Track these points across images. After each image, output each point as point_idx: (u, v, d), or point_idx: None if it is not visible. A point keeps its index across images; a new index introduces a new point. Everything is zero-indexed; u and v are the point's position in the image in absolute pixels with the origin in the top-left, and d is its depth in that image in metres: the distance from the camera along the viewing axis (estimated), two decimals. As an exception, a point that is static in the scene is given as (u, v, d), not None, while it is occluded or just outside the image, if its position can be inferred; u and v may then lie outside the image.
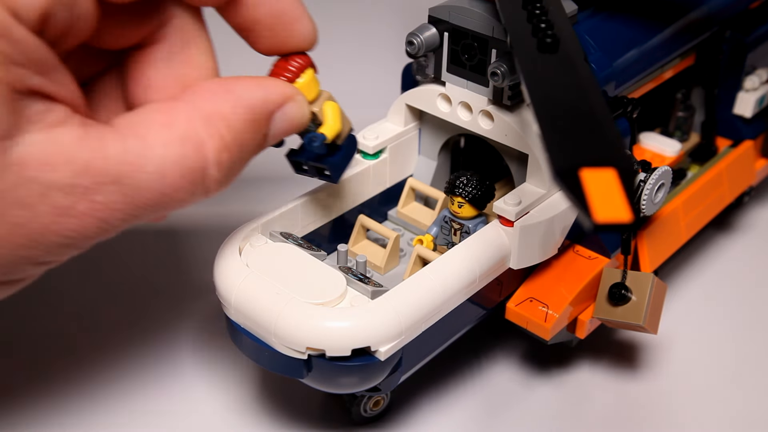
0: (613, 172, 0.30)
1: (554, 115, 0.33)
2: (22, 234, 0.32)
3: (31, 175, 0.31)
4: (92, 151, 0.32)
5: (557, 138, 0.32)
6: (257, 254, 0.43)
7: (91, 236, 0.33)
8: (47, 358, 0.52)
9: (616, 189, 0.30)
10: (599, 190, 0.30)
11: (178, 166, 0.34)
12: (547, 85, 0.35)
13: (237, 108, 0.36)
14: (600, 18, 0.51)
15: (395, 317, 0.40)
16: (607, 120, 0.34)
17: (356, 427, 0.48)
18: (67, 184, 0.31)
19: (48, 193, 0.31)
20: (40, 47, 0.30)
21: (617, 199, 0.29)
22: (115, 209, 0.33)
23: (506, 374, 0.52)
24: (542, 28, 0.38)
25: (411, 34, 0.47)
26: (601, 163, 0.30)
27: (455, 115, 0.49)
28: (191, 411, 0.49)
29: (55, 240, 0.32)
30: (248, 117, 0.36)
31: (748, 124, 0.61)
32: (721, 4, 0.57)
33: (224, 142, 0.35)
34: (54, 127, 0.31)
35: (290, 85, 0.39)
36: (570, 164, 0.30)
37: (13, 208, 0.31)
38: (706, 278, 0.60)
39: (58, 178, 0.31)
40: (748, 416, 0.50)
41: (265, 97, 0.37)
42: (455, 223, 0.48)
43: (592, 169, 0.30)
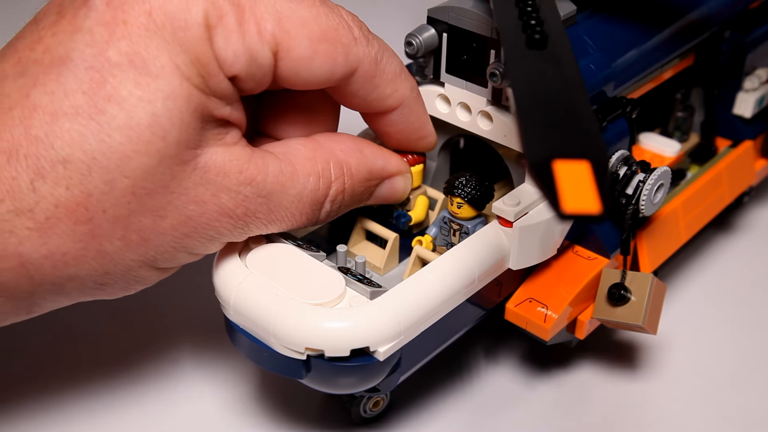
0: (586, 165, 0.31)
1: (534, 108, 0.34)
2: (190, 225, 0.39)
3: (210, 177, 0.39)
4: (257, 168, 0.40)
5: (534, 130, 0.33)
6: (256, 255, 0.44)
7: (233, 236, 0.41)
8: (45, 356, 0.52)
9: (588, 181, 0.30)
10: (571, 181, 0.30)
11: (311, 195, 0.42)
12: (530, 80, 0.36)
13: (361, 165, 0.44)
14: (599, 18, 0.51)
15: (394, 318, 0.41)
16: (586, 114, 0.34)
17: (356, 427, 0.48)
18: (233, 190, 0.39)
19: (218, 195, 0.39)
20: (229, 88, 0.39)
21: (588, 190, 0.30)
22: (258, 218, 0.41)
23: (506, 375, 0.52)
24: (532, 24, 0.38)
25: (410, 35, 0.47)
26: (575, 155, 0.31)
27: (454, 116, 0.49)
28: (191, 411, 0.49)
29: (210, 234, 0.40)
30: (366, 175, 0.45)
31: (748, 125, 0.61)
32: (721, 4, 0.57)
33: (344, 187, 0.44)
34: (231, 145, 0.39)
35: (405, 163, 0.47)
36: (544, 155, 0.31)
37: (190, 203, 0.39)
38: (706, 278, 0.60)
39: (229, 184, 0.39)
40: (748, 416, 0.50)
41: (384, 167, 0.46)
42: (454, 224, 0.48)
43: (566, 160, 0.31)
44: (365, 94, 0.44)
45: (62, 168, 0.36)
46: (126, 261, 0.39)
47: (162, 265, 0.41)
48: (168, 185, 0.38)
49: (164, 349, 0.53)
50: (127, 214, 0.37)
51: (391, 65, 0.44)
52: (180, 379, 0.51)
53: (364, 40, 0.42)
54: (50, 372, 0.51)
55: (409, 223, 0.49)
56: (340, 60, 0.41)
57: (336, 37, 0.41)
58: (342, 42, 0.41)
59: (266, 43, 0.39)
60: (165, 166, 0.37)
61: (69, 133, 0.36)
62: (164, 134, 0.37)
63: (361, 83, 0.43)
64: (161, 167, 0.37)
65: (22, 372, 0.51)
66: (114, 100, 0.36)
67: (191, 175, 0.38)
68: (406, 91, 0.45)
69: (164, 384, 0.51)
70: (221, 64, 0.38)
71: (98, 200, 0.37)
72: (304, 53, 0.40)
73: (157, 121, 0.36)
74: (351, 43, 0.42)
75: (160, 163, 0.37)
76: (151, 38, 0.37)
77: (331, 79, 0.42)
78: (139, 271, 0.40)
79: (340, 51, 0.41)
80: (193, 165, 0.38)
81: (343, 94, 0.44)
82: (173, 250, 0.40)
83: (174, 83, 0.37)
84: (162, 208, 0.38)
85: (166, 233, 0.39)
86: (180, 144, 0.37)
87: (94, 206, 0.37)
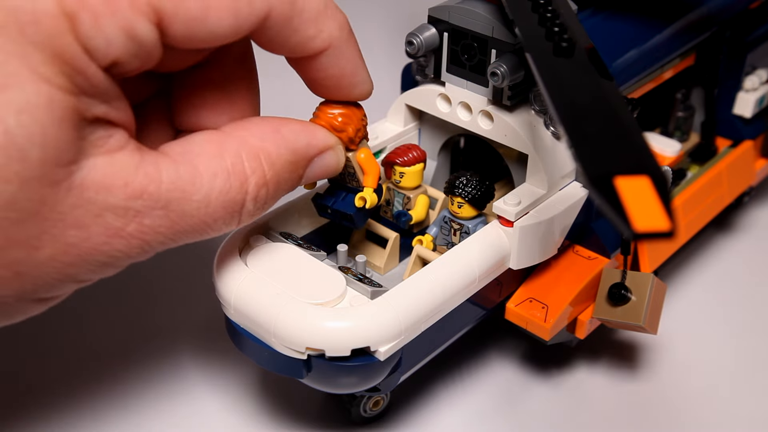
0: (647, 180, 0.30)
1: (581, 121, 0.33)
2: (73, 253, 0.33)
3: (89, 196, 0.33)
4: (147, 177, 0.34)
5: (587, 145, 0.31)
6: (257, 254, 0.43)
7: (132, 257, 0.35)
8: (46, 358, 0.52)
9: (652, 197, 0.29)
10: (635, 198, 0.29)
11: (222, 197, 0.36)
12: (568, 90, 0.35)
13: (281, 149, 0.38)
14: (600, 18, 0.51)
15: (395, 317, 0.41)
16: (633, 126, 0.33)
17: (356, 427, 0.48)
18: (120, 207, 0.33)
19: (103, 215, 0.33)
20: (106, 81, 0.33)
21: (655, 207, 0.29)
22: (159, 233, 0.35)
23: (506, 374, 0.52)
24: (556, 32, 0.37)
25: (411, 34, 0.47)
26: (634, 170, 0.30)
27: (455, 116, 0.49)
28: (191, 411, 0.49)
29: (100, 259, 0.34)
30: (290, 158, 0.39)
31: (748, 124, 0.61)
32: (721, 4, 0.57)
33: (265, 179, 0.38)
34: (114, 152, 0.34)
35: (332, 134, 0.42)
36: (603, 172, 0.30)
37: (69, 228, 0.33)
38: (706, 278, 0.60)
39: (113, 200, 0.33)
40: (748, 416, 0.50)
41: (308, 143, 0.40)
42: (455, 224, 0.48)
43: (627, 176, 0.30)
44: (284, 39, 0.38)
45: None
46: None
47: (46, 296, 0.35)
48: (38, 212, 0.32)
49: (165, 349, 0.53)
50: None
51: (311, 2, 0.38)
52: (180, 379, 0.51)
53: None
54: (49, 373, 0.51)
55: (410, 223, 0.49)
56: (244, 9, 0.35)
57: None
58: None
59: (143, 15, 0.33)
60: (30, 191, 0.31)
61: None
62: (22, 155, 0.31)
63: (277, 29, 0.37)
64: (25, 193, 0.31)
65: (22, 373, 0.51)
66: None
67: (66, 197, 0.32)
68: (333, 31, 0.39)
69: (165, 384, 0.51)
70: (92, 55, 0.32)
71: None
72: (194, 13, 0.34)
73: (12, 140, 0.30)
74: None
75: (22, 189, 0.31)
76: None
77: (239, 31, 0.36)
78: (18, 306, 0.35)
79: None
80: (67, 185, 0.32)
81: (260, 41, 0.38)
82: (57, 282, 0.34)
83: (29, 91, 0.31)
84: (35, 238, 0.32)
85: (44, 265, 0.33)
86: (45, 163, 0.31)
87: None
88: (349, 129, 0.43)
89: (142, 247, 0.35)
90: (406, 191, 0.50)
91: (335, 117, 0.42)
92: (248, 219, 0.38)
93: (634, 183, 0.29)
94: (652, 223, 0.28)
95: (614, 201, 0.29)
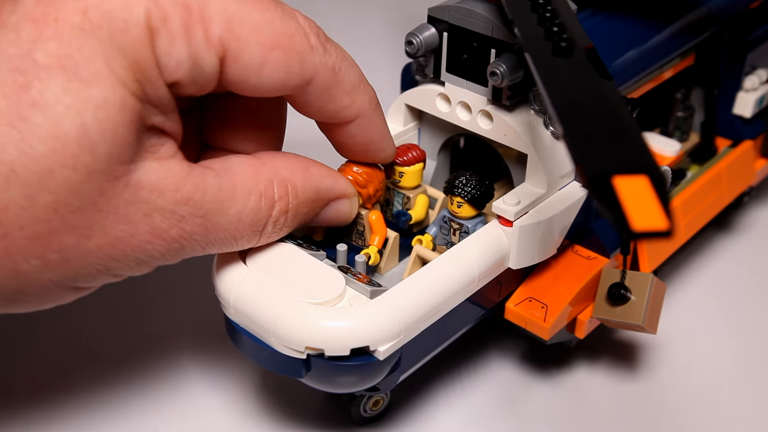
0: (645, 179, 0.30)
1: (579, 120, 0.33)
2: (118, 247, 0.36)
3: (142, 195, 0.35)
4: (195, 186, 0.37)
5: (586, 144, 0.31)
6: (256, 254, 0.43)
7: (166, 259, 0.38)
8: (45, 357, 0.52)
9: (651, 196, 0.29)
10: (634, 197, 0.29)
11: (252, 215, 0.40)
12: (567, 90, 0.35)
13: (307, 185, 0.42)
14: (599, 18, 0.51)
15: (394, 317, 0.41)
16: (632, 125, 0.33)
17: (356, 427, 0.48)
18: (168, 210, 0.36)
19: (151, 215, 0.36)
20: (167, 95, 0.36)
21: (653, 206, 0.29)
22: (194, 240, 0.38)
23: (505, 374, 0.52)
24: (556, 31, 0.37)
25: (410, 34, 0.47)
26: (633, 169, 0.30)
27: (454, 115, 0.49)
28: (191, 411, 0.49)
29: (140, 257, 0.37)
30: (312, 196, 0.42)
31: (748, 124, 0.61)
32: (721, 4, 0.57)
33: (287, 207, 0.41)
34: (166, 159, 0.36)
35: (352, 186, 0.45)
36: (602, 171, 0.30)
37: (119, 222, 0.35)
38: (706, 278, 0.60)
39: (163, 203, 0.36)
40: (748, 416, 0.50)
41: (331, 186, 0.43)
42: (454, 223, 0.48)
43: (625, 176, 0.30)
44: (321, 104, 0.41)
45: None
46: (42, 281, 0.35)
47: (82, 285, 0.37)
48: (96, 203, 0.34)
49: (164, 349, 0.53)
50: (48, 232, 0.34)
51: (349, 75, 0.41)
52: (180, 379, 0.51)
53: (321, 49, 0.40)
54: (48, 372, 0.51)
55: (409, 222, 0.49)
56: (295, 69, 0.39)
57: (290, 45, 0.38)
58: (297, 50, 0.39)
59: (213, 48, 0.36)
60: (93, 182, 0.34)
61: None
62: (93, 147, 0.33)
63: (317, 94, 0.41)
64: (89, 183, 0.34)
65: (22, 373, 0.51)
66: (39, 107, 0.33)
67: (122, 193, 0.35)
68: (364, 103, 0.43)
69: (164, 383, 0.51)
70: (161, 70, 0.35)
71: (15, 215, 0.33)
72: (254, 60, 0.37)
73: (86, 132, 0.33)
74: (307, 51, 0.39)
75: (87, 179, 0.34)
76: (86, 39, 0.33)
77: (284, 89, 0.39)
78: (56, 291, 0.37)
79: (295, 59, 0.39)
80: (125, 181, 0.35)
81: (298, 103, 0.42)
82: (96, 273, 0.36)
83: (107, 90, 0.33)
84: (88, 228, 0.35)
85: (90, 255, 0.35)
86: (111, 158, 0.34)
87: (10, 221, 0.33)
88: (370, 187, 0.46)
89: (177, 251, 0.38)
90: (405, 191, 0.50)
91: (359, 174, 0.46)
92: (265, 240, 0.42)
93: (632, 183, 0.30)
94: (651, 223, 0.28)
95: (612, 200, 0.29)
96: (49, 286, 0.36)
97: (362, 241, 0.48)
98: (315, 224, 0.45)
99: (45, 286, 0.36)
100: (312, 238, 0.48)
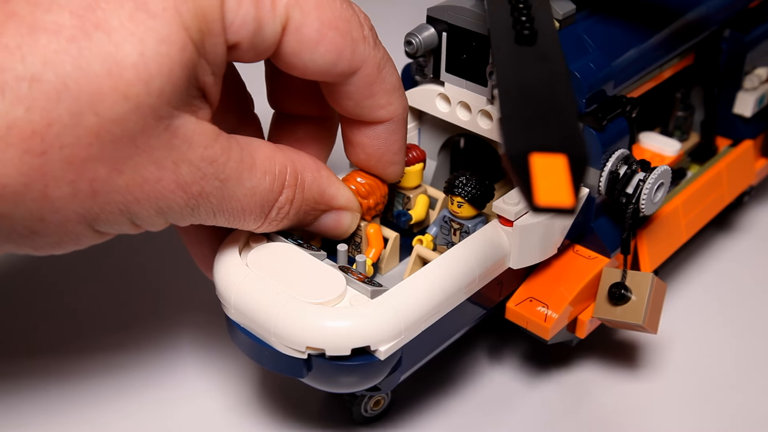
0: (563, 159, 0.31)
1: (517, 103, 0.34)
2: (145, 189, 0.36)
3: (176, 143, 0.35)
4: (222, 149, 0.37)
5: (514, 124, 0.32)
6: (257, 254, 0.43)
7: (182, 215, 0.38)
8: (47, 355, 0.52)
9: (563, 175, 0.30)
10: (546, 174, 0.30)
11: (263, 194, 0.40)
12: (517, 75, 0.36)
13: (315, 183, 0.42)
14: (598, 17, 0.51)
15: (395, 317, 0.41)
16: (569, 108, 0.34)
17: (357, 427, 0.48)
18: (195, 164, 0.36)
19: (179, 164, 0.36)
20: (223, 56, 0.36)
21: (563, 184, 0.30)
22: (210, 202, 0.38)
23: (506, 374, 0.52)
24: (522, 21, 0.38)
25: (409, 34, 0.48)
26: (553, 149, 0.31)
27: (454, 115, 0.49)
28: (191, 410, 0.49)
29: (161, 205, 0.37)
30: (316, 197, 0.43)
31: (748, 124, 0.61)
32: (721, 3, 0.57)
33: (293, 197, 0.41)
34: (204, 119, 0.37)
35: (357, 202, 0.46)
36: (521, 148, 0.31)
37: (150, 164, 0.35)
38: (706, 278, 0.60)
39: (192, 156, 0.36)
40: (748, 416, 0.50)
41: (336, 194, 0.44)
42: (455, 223, 0.48)
43: (543, 154, 0.31)
44: (360, 98, 0.42)
45: (27, 86, 0.32)
46: (67, 211, 0.35)
47: (100, 227, 0.36)
48: (135, 138, 0.34)
49: (165, 348, 0.53)
50: (85, 157, 0.33)
51: (391, 76, 0.42)
52: (181, 378, 0.51)
53: (372, 42, 0.41)
54: (50, 370, 0.51)
55: (410, 222, 0.49)
56: (346, 54, 0.39)
57: (347, 29, 0.39)
58: (352, 36, 0.39)
59: (278, 15, 0.37)
60: (139, 115, 0.34)
61: (45, 49, 0.32)
62: (149, 79, 0.33)
63: (360, 85, 0.41)
64: (134, 115, 0.34)
65: (21, 369, 0.51)
66: (102, 28, 0.33)
67: (161, 135, 0.35)
68: (399, 108, 0.43)
69: (165, 383, 0.51)
70: (226, 27, 0.36)
71: (58, 133, 0.33)
72: (312, 35, 0.38)
73: (145, 62, 0.33)
74: (360, 39, 0.40)
75: (134, 110, 0.33)
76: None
77: (331, 73, 0.40)
78: (77, 226, 0.36)
79: (348, 44, 0.39)
80: (165, 124, 0.35)
81: (338, 93, 0.42)
82: (119, 213, 0.36)
83: (172, 28, 0.34)
84: (122, 162, 0.34)
85: (118, 191, 0.35)
86: (162, 96, 0.34)
87: (51, 139, 0.33)
88: (371, 199, 0.46)
89: (193, 208, 0.38)
90: (405, 191, 0.50)
91: (363, 184, 0.46)
92: (266, 227, 0.42)
93: (549, 160, 0.31)
94: (555, 198, 0.30)
95: (524, 174, 0.30)
96: (72, 219, 0.35)
97: (359, 252, 0.48)
98: (313, 230, 0.45)
99: (68, 217, 0.35)
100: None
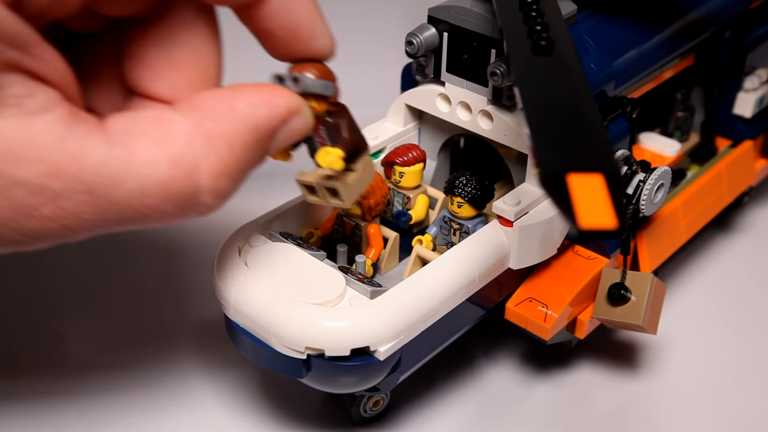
0: (600, 178, 0.30)
1: (545, 118, 0.33)
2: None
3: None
4: (67, 154, 0.29)
5: (546, 142, 0.32)
6: (256, 254, 0.44)
7: (51, 239, 0.31)
8: (44, 358, 0.52)
9: (603, 195, 0.30)
10: (586, 195, 0.30)
11: (161, 188, 0.31)
12: (539, 88, 0.35)
13: (239, 128, 0.33)
14: (599, 18, 0.51)
15: (394, 317, 0.41)
16: (597, 124, 0.33)
17: (356, 427, 0.48)
18: (34, 184, 0.29)
19: (12, 189, 0.28)
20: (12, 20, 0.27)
21: (603, 205, 0.30)
22: (83, 219, 0.30)
23: (506, 374, 0.52)
24: (537, 30, 0.38)
25: (410, 34, 0.47)
26: (588, 168, 0.30)
27: (455, 115, 0.49)
28: (191, 411, 0.49)
29: (9, 236, 0.30)
30: (251, 137, 0.33)
31: (748, 124, 0.61)
32: (721, 4, 0.57)
33: (224, 166, 0.32)
34: (34, 115, 0.28)
35: (295, 95, 0.36)
36: (558, 169, 0.30)
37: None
38: (706, 278, 0.60)
39: (25, 175, 0.28)
40: (748, 416, 0.50)
41: (270, 114, 0.34)
42: (454, 223, 0.48)
43: (580, 174, 0.30)
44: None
45: None
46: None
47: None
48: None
49: (164, 349, 0.53)
50: None
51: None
52: (180, 379, 0.51)
53: None
54: (49, 373, 0.51)
55: (410, 222, 0.49)
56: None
57: None
58: None
59: None
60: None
61: None
62: None
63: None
64: None
65: (20, 374, 0.51)
66: None
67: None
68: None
69: (164, 384, 0.51)
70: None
71: None
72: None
73: None
74: None
75: None
76: None
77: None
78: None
79: None
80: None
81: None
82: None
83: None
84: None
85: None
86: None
87: None
88: (371, 199, 0.45)
89: (62, 231, 0.30)
90: (405, 191, 0.50)
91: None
92: (209, 211, 0.33)
93: (586, 180, 0.30)
94: (598, 220, 0.29)
95: (563, 197, 0.30)
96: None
97: (358, 252, 0.48)
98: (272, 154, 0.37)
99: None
100: (312, 238, 0.48)
